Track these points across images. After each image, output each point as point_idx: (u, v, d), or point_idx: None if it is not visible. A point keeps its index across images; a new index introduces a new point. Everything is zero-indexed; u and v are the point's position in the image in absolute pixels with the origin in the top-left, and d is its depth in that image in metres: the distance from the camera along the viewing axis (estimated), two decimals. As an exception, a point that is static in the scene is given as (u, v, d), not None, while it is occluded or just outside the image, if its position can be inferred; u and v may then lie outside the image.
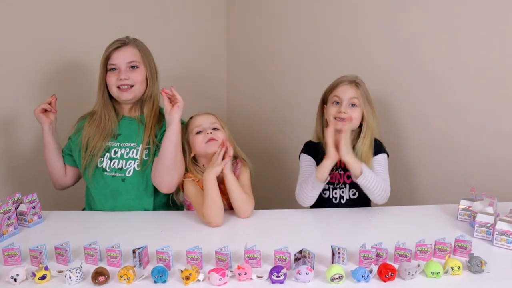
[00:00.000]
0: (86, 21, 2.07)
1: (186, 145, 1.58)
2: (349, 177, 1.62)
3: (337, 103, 1.60)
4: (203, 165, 1.60)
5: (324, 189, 1.63)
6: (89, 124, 1.65)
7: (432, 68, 1.83)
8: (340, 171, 1.64)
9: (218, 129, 1.56)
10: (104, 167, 1.62)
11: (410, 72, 1.90)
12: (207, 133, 1.53)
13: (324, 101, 1.68)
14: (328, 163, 1.50)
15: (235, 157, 1.61)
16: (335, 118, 1.58)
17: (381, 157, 1.62)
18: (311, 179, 1.54)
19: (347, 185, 1.64)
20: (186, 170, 1.58)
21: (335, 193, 1.65)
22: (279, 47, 2.44)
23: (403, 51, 1.91)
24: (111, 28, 1.96)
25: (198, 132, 1.55)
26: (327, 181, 1.54)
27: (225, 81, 2.76)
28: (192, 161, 1.59)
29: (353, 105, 1.58)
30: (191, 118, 1.61)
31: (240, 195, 1.50)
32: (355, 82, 1.61)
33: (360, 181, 1.49)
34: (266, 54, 2.53)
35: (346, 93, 1.59)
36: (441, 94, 1.82)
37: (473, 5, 1.68)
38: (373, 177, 1.50)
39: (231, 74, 2.75)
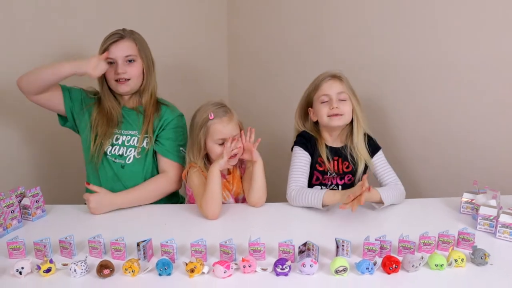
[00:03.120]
0: (86, 15, 2.06)
1: (202, 141, 1.54)
2: (341, 179, 1.62)
3: (325, 101, 1.57)
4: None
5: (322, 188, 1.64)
6: (97, 112, 1.67)
7: (434, 62, 1.82)
8: (334, 175, 1.63)
9: (238, 140, 1.54)
10: (105, 150, 1.66)
11: (413, 66, 1.89)
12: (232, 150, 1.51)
13: (308, 104, 1.64)
14: (337, 200, 1.46)
15: None
16: (328, 116, 1.56)
17: (381, 155, 1.63)
18: (315, 200, 1.47)
19: (340, 186, 1.63)
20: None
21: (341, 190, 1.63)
22: (280, 42, 2.43)
23: (406, 46, 1.90)
24: (111, 22, 1.95)
25: (220, 143, 1.52)
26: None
27: (226, 76, 2.75)
28: (204, 158, 1.57)
29: (342, 100, 1.56)
30: (212, 118, 1.51)
31: (263, 184, 1.53)
32: (337, 76, 1.58)
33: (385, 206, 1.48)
34: (267, 49, 2.51)
35: (332, 88, 1.56)
36: (443, 88, 1.82)
37: (476, 2, 1.67)
38: (392, 197, 1.48)
39: (232, 69, 2.73)
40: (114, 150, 1.66)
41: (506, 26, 1.62)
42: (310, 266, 1.06)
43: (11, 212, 1.35)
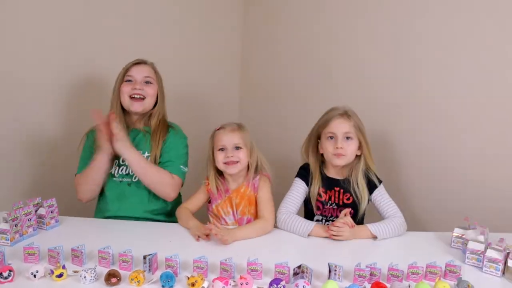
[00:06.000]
0: (104, 43, 2.22)
1: (210, 152, 1.68)
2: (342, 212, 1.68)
3: (331, 137, 1.66)
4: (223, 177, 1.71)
5: (317, 220, 1.71)
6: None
7: (432, 101, 1.92)
8: (334, 206, 1.70)
9: (240, 148, 1.64)
10: (112, 172, 1.74)
11: (411, 104, 1.99)
12: (228, 156, 1.62)
13: (317, 136, 1.72)
14: (323, 235, 1.56)
15: (257, 168, 1.69)
16: (332, 154, 1.65)
17: (381, 190, 1.68)
18: (303, 229, 1.55)
19: None
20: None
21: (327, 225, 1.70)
22: (290, 77, 2.56)
23: (405, 83, 2.01)
24: (129, 50, 2.09)
25: (221, 149, 1.64)
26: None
27: (237, 108, 2.88)
28: (215, 170, 1.68)
29: (348, 138, 1.64)
30: (218, 129, 1.67)
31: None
32: (346, 114, 1.65)
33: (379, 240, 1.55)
34: (276, 83, 2.65)
35: (339, 127, 1.64)
36: (440, 126, 1.91)
37: (471, 37, 1.77)
38: (386, 230, 1.55)
39: (243, 101, 2.87)
40: (121, 170, 1.74)
41: (504, 66, 1.70)
42: (303, 287, 1.12)
43: (28, 220, 1.45)
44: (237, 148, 1.63)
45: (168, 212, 1.81)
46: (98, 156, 1.67)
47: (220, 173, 1.70)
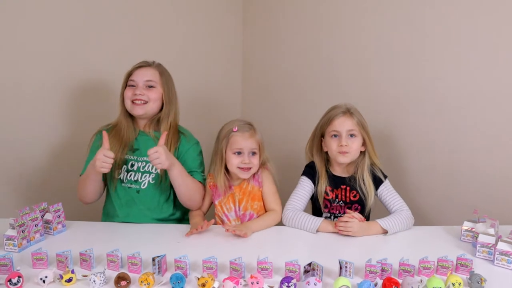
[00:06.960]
0: (108, 47, 2.21)
1: (223, 151, 1.64)
2: (349, 208, 1.68)
3: (335, 135, 1.66)
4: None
5: (325, 217, 1.71)
6: (110, 137, 1.71)
7: (437, 95, 1.91)
8: (341, 203, 1.70)
9: (256, 154, 1.65)
10: (121, 178, 1.72)
11: (417, 99, 1.98)
12: (244, 162, 1.62)
13: (321, 134, 1.73)
14: (331, 230, 1.57)
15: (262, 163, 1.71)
16: (336, 152, 1.65)
17: (387, 184, 1.70)
18: (311, 225, 1.57)
19: None
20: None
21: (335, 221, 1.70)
22: (291, 75, 2.56)
23: (411, 79, 2.00)
24: (131, 53, 2.08)
25: (237, 153, 1.63)
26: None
27: (239, 108, 2.88)
28: (224, 169, 1.67)
29: (351, 135, 1.65)
30: (235, 130, 1.63)
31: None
32: (349, 112, 1.66)
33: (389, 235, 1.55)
34: (278, 82, 2.64)
35: (343, 125, 1.64)
36: (447, 120, 1.90)
37: (479, 35, 1.76)
38: (396, 224, 1.55)
39: (246, 100, 2.87)
40: (130, 176, 1.72)
41: (509, 59, 1.69)
42: (314, 284, 1.12)
43: (35, 226, 1.44)
44: (253, 153, 1.64)
45: (177, 220, 1.79)
46: (91, 173, 1.63)
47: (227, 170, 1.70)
